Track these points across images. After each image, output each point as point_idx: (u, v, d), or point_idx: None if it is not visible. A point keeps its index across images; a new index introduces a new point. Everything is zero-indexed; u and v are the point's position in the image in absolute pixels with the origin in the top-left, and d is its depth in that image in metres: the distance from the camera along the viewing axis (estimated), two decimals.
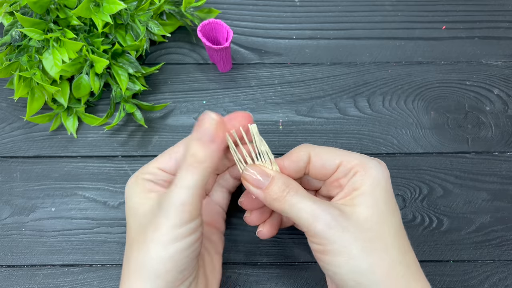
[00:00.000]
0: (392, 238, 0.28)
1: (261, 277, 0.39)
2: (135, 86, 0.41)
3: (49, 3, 0.39)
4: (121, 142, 0.43)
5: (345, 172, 0.30)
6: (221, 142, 0.29)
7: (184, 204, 0.27)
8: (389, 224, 0.28)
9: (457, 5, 0.49)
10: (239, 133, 0.31)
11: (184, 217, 0.27)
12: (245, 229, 0.40)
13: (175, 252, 0.27)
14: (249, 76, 0.46)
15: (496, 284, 0.39)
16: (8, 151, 0.43)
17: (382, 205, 0.28)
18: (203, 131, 0.28)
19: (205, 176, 0.28)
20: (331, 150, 0.31)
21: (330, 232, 0.27)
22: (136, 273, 0.27)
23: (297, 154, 0.31)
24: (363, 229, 0.27)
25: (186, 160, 0.28)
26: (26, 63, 0.39)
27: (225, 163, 0.35)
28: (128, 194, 0.30)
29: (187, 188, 0.27)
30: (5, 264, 0.40)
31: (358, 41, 0.47)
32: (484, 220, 0.41)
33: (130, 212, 0.30)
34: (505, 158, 0.43)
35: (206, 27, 0.41)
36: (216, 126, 0.28)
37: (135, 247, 0.28)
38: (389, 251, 0.27)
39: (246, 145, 0.31)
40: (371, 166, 0.29)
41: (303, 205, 0.28)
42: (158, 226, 0.27)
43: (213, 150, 0.28)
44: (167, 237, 0.26)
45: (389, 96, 0.45)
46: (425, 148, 0.43)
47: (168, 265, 0.27)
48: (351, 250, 0.27)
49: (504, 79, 0.46)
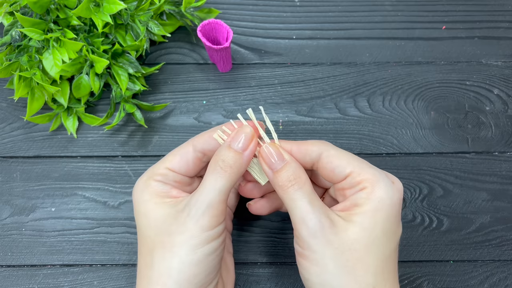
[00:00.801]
0: (376, 264, 0.27)
1: (261, 277, 0.39)
2: (135, 86, 0.41)
3: (49, 3, 0.39)
4: (121, 142, 0.43)
5: (353, 184, 0.29)
6: (251, 152, 0.29)
7: (213, 208, 0.27)
8: (380, 250, 0.27)
9: (457, 5, 0.49)
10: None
11: (212, 220, 0.27)
12: (245, 229, 0.40)
13: (204, 256, 0.27)
14: (249, 76, 0.46)
15: (496, 284, 0.39)
16: (8, 151, 0.43)
17: (379, 231, 0.27)
18: (238, 140, 0.29)
19: (233, 181, 0.28)
20: (344, 156, 0.29)
21: (313, 240, 0.27)
22: (162, 279, 0.27)
23: (308, 147, 0.30)
24: (349, 249, 0.27)
25: (217, 165, 0.28)
26: (26, 63, 0.39)
27: None
28: (138, 198, 0.30)
29: (216, 191, 0.28)
30: (5, 264, 0.40)
31: (358, 41, 0.47)
32: (484, 220, 0.41)
33: (144, 218, 0.29)
34: (505, 158, 0.43)
35: (206, 27, 0.41)
36: (250, 137, 0.29)
37: (159, 252, 0.27)
38: (367, 276, 0.27)
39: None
40: (381, 185, 0.28)
41: (300, 203, 0.28)
42: (186, 230, 0.27)
43: (243, 158, 0.29)
44: (196, 240, 0.27)
45: (389, 96, 0.45)
46: (425, 148, 0.43)
47: (197, 268, 0.27)
48: (328, 264, 0.27)
49: (504, 79, 0.46)
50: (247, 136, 0.29)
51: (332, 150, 0.30)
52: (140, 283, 0.29)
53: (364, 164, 0.29)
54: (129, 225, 0.40)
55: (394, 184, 0.29)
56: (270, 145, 0.30)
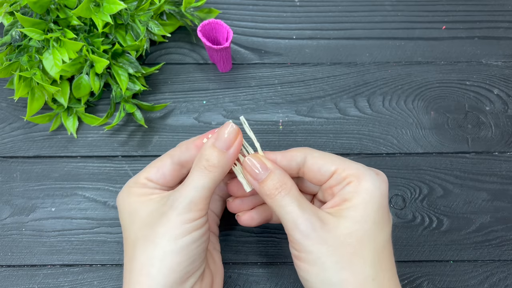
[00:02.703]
0: (372, 256, 0.28)
1: (261, 277, 0.39)
2: (135, 86, 0.41)
3: (49, 3, 0.39)
4: (121, 142, 0.43)
5: (339, 180, 0.30)
6: (235, 151, 0.30)
7: (195, 204, 0.28)
8: (374, 241, 0.28)
9: (457, 5, 0.49)
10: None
11: (193, 215, 0.28)
12: (245, 229, 0.40)
13: (185, 244, 0.28)
14: (249, 76, 0.46)
15: (496, 284, 0.39)
16: (8, 151, 0.43)
17: (371, 222, 0.28)
18: (221, 139, 0.29)
19: (216, 179, 0.29)
20: (328, 156, 0.31)
21: (307, 242, 0.27)
22: (144, 268, 0.28)
23: (292, 153, 0.31)
24: (343, 244, 0.27)
25: (200, 163, 0.29)
26: (26, 63, 0.39)
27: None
28: (123, 201, 0.31)
29: (197, 189, 0.28)
30: (5, 264, 0.40)
31: (358, 41, 0.47)
32: (484, 220, 0.41)
33: (128, 215, 0.30)
34: (505, 158, 0.43)
35: (206, 27, 0.41)
36: (233, 136, 0.30)
37: (141, 244, 0.28)
38: (365, 268, 0.27)
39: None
40: (367, 178, 0.29)
41: (290, 208, 0.28)
42: (168, 222, 0.28)
43: (227, 157, 0.29)
44: (177, 231, 0.28)
45: (389, 96, 0.45)
46: (425, 148, 0.43)
47: (179, 257, 0.28)
48: (325, 262, 0.27)
49: (504, 79, 0.46)
50: (231, 135, 0.30)
51: (315, 153, 0.31)
52: (125, 277, 0.29)
53: (347, 161, 0.30)
54: None
55: (379, 176, 0.30)
56: (252, 156, 0.30)
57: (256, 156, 0.31)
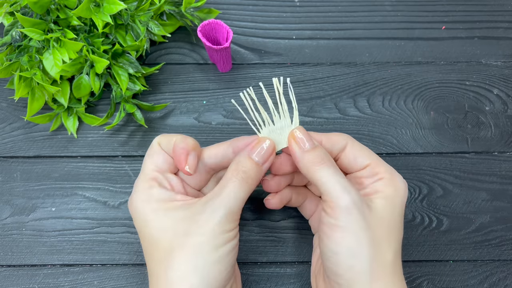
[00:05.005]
0: (395, 244, 0.30)
1: (261, 277, 0.39)
2: (135, 86, 0.41)
3: (50, 3, 0.39)
4: (121, 142, 0.43)
5: (372, 173, 0.32)
6: (268, 166, 0.32)
7: (233, 213, 0.29)
8: (397, 233, 0.30)
9: (457, 5, 0.49)
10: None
11: (232, 224, 0.29)
12: (245, 229, 0.40)
13: (225, 253, 0.28)
14: (249, 76, 0.46)
15: (496, 284, 0.39)
16: (9, 151, 0.43)
17: (397, 215, 0.30)
18: (259, 152, 0.31)
19: (251, 190, 0.30)
20: (366, 150, 0.33)
21: (353, 211, 0.28)
22: (187, 277, 0.28)
23: (337, 138, 0.33)
24: (377, 225, 0.29)
25: (238, 174, 0.30)
26: (27, 63, 0.39)
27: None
28: (144, 208, 0.30)
29: (237, 200, 0.29)
30: (5, 264, 0.40)
31: (358, 41, 0.47)
32: (483, 220, 0.41)
33: (156, 223, 0.29)
34: (504, 158, 0.43)
35: (206, 27, 0.41)
36: (270, 152, 0.31)
37: (179, 253, 0.28)
38: (389, 252, 0.29)
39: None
40: (398, 179, 0.31)
41: (337, 178, 0.29)
42: (207, 231, 0.28)
43: (261, 171, 0.31)
44: (217, 240, 0.28)
45: (388, 96, 0.45)
46: (424, 148, 0.43)
47: (220, 265, 0.28)
48: (361, 237, 0.28)
49: (504, 79, 0.46)
50: (268, 150, 0.31)
51: (356, 143, 0.33)
52: (158, 286, 0.29)
53: (381, 160, 0.33)
54: (129, 225, 0.40)
55: (404, 181, 0.32)
56: (300, 129, 0.32)
57: (303, 130, 0.32)
